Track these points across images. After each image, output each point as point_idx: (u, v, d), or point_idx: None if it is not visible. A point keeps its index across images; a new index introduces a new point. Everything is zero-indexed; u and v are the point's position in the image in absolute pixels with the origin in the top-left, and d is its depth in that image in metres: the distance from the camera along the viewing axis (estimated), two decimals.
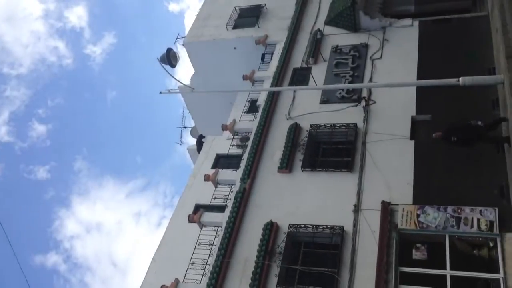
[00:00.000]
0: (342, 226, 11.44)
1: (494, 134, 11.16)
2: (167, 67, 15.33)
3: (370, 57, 15.91)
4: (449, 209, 10.50)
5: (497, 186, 10.73)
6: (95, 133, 67.13)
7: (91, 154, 64.27)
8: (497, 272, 9.57)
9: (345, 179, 12.58)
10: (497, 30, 12.61)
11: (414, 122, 13.16)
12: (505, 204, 10.25)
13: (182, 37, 21.67)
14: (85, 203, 60.90)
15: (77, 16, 79.11)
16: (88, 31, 71.26)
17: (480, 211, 10.24)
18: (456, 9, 17.00)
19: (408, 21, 16.52)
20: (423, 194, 11.38)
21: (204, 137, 18.41)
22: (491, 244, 10.07)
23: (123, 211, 65.14)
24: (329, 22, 17.92)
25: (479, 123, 10.60)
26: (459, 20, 16.17)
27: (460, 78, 10.64)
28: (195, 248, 13.23)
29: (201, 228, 13.60)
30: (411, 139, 12.75)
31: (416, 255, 10.48)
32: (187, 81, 21.53)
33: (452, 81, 10.80)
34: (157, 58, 15.21)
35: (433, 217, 10.51)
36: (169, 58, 16.43)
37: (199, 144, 18.80)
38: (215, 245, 12.75)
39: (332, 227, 11.51)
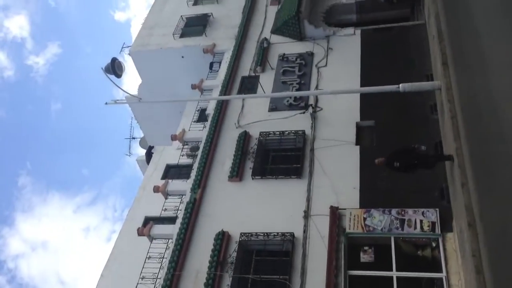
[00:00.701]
0: (293, 233, 11.56)
1: (435, 154, 11.04)
2: (112, 77, 14.91)
3: (316, 65, 16.25)
4: (394, 211, 10.86)
5: (437, 188, 11.18)
6: (40, 147, 64.55)
7: (35, 169, 61.68)
8: (440, 271, 9.95)
9: (295, 186, 12.74)
10: (433, 37, 13.19)
11: (359, 128, 13.55)
12: (445, 205, 10.68)
13: (128, 46, 21.31)
14: (30, 220, 58.47)
15: (19, 26, 75.97)
16: (30, 42, 68.63)
17: (423, 213, 10.65)
18: (395, 18, 17.65)
19: (350, 30, 17.03)
20: (369, 197, 11.71)
21: (153, 148, 18.10)
22: (434, 244, 10.48)
23: (71, 227, 62.94)
24: (275, 31, 18.18)
25: (423, 147, 10.14)
26: (398, 28, 16.80)
27: (400, 85, 11.08)
28: (145, 262, 12.95)
29: (151, 241, 13.34)
30: (356, 144, 13.12)
31: (364, 258, 10.75)
32: (134, 91, 21.17)
33: (393, 87, 11.23)
34: (102, 68, 14.78)
35: (379, 220, 10.83)
36: (114, 68, 16.00)
37: (149, 156, 18.45)
38: (166, 258, 12.54)
39: (283, 234, 11.60)
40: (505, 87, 7.99)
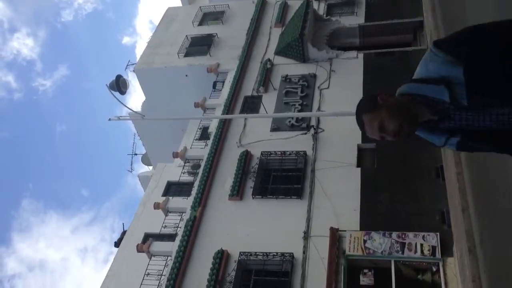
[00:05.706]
0: (292, 253, 11.54)
1: None
2: (117, 94, 15.05)
3: (318, 87, 16.42)
4: (394, 234, 10.85)
5: (438, 212, 11.21)
6: (43, 168, 64.39)
7: (36, 190, 61.43)
8: None
9: (295, 206, 12.75)
10: None
11: (360, 150, 13.62)
12: (446, 229, 10.69)
13: (133, 64, 21.54)
14: (27, 240, 58.11)
15: (28, 48, 76.70)
16: (39, 64, 69.25)
17: (423, 237, 10.65)
18: (398, 42, 17.93)
19: (353, 53, 17.25)
20: (369, 220, 11.72)
21: (125, 231, 17.22)
22: (434, 269, 10.47)
23: (68, 248, 62.55)
24: (278, 52, 18.41)
25: None
26: (401, 53, 17.03)
27: None
28: (143, 279, 12.88)
29: (150, 258, 13.29)
30: (357, 166, 13.17)
31: (364, 280, 10.71)
32: (138, 108, 21.33)
33: None
34: (106, 85, 14.92)
35: (379, 242, 10.82)
36: (119, 85, 16.17)
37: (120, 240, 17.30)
38: (164, 275, 12.48)
39: (282, 254, 11.58)
40: None
